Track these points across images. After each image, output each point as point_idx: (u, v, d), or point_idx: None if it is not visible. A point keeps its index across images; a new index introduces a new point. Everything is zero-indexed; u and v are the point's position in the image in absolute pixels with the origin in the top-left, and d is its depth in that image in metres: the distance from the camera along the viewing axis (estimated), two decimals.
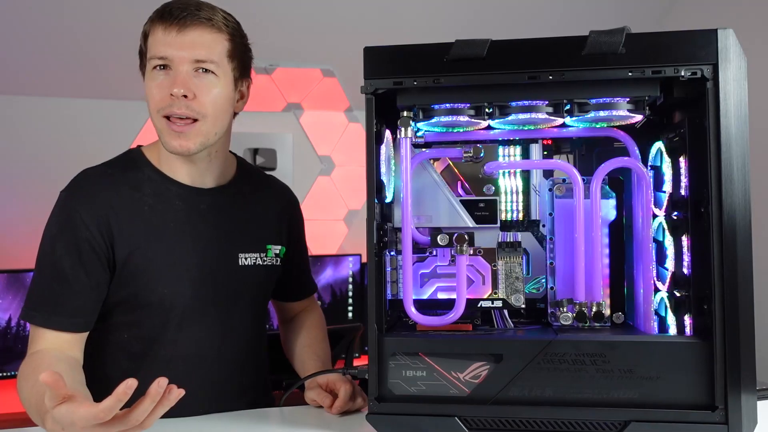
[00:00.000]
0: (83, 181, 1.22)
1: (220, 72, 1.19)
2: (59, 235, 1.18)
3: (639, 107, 1.05)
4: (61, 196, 1.22)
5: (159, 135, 1.21)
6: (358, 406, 1.18)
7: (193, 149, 1.19)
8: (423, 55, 1.04)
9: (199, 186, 1.28)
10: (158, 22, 1.17)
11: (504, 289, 1.10)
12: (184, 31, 1.16)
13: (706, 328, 0.98)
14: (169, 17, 1.16)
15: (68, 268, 1.17)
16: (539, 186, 1.18)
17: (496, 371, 1.01)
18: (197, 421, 1.16)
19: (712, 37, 0.98)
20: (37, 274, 1.19)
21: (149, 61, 1.19)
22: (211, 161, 1.27)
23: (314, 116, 3.20)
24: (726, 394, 0.96)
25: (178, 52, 1.16)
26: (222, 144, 1.27)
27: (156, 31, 1.17)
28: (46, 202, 1.28)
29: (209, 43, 1.18)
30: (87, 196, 1.20)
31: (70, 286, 1.17)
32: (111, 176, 1.23)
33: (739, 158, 0.97)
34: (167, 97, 1.16)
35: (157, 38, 1.17)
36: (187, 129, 1.18)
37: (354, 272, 2.89)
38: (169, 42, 1.16)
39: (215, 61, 1.18)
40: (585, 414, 0.99)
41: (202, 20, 1.17)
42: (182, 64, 1.16)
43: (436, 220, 1.14)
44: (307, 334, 1.43)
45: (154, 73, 1.18)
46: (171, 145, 1.19)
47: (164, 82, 1.17)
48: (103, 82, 2.86)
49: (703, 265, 0.99)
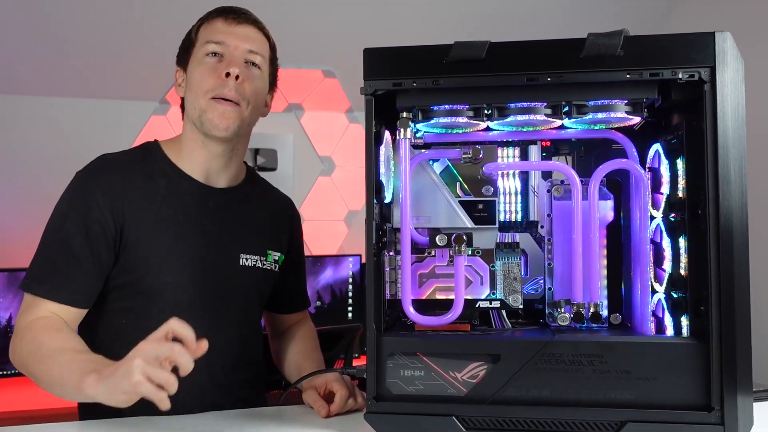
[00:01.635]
0: (102, 165, 1.27)
1: (264, 69, 1.33)
2: (71, 213, 1.22)
3: (637, 109, 1.05)
4: (77, 176, 1.26)
5: (200, 115, 1.27)
6: (357, 405, 1.18)
7: (231, 129, 1.27)
8: (422, 57, 1.04)
9: (212, 185, 1.33)
10: (218, 16, 1.31)
11: (502, 290, 1.10)
12: (242, 24, 1.31)
13: (703, 330, 0.99)
14: (229, 12, 1.31)
15: (77, 246, 1.20)
16: (538, 187, 1.19)
17: (493, 371, 1.02)
18: (191, 419, 1.17)
19: (710, 40, 0.98)
20: (43, 248, 1.22)
21: (203, 46, 1.29)
22: (231, 158, 1.34)
23: (315, 117, 3.21)
24: (722, 395, 0.96)
25: (234, 40, 1.29)
26: (243, 144, 1.36)
27: (215, 22, 1.31)
28: (44, 202, 1.29)
29: (260, 40, 1.33)
30: (104, 180, 1.24)
31: (77, 263, 1.20)
32: (128, 164, 1.28)
33: (736, 161, 0.98)
34: (218, 78, 1.26)
35: (216, 27, 1.30)
36: (230, 110, 1.26)
37: (354, 273, 2.90)
38: (228, 30, 1.29)
39: (263, 56, 1.32)
40: (582, 414, 0.99)
41: (256, 21, 1.34)
42: (237, 50, 1.29)
43: (435, 221, 1.14)
44: (302, 343, 1.45)
45: (206, 59, 1.28)
46: (213, 123, 1.26)
47: (217, 66, 1.27)
48: (103, 82, 2.87)
49: (700, 267, 1.00)
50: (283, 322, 1.51)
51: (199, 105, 1.27)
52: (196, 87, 1.27)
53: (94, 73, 2.83)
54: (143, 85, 2.80)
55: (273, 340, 1.52)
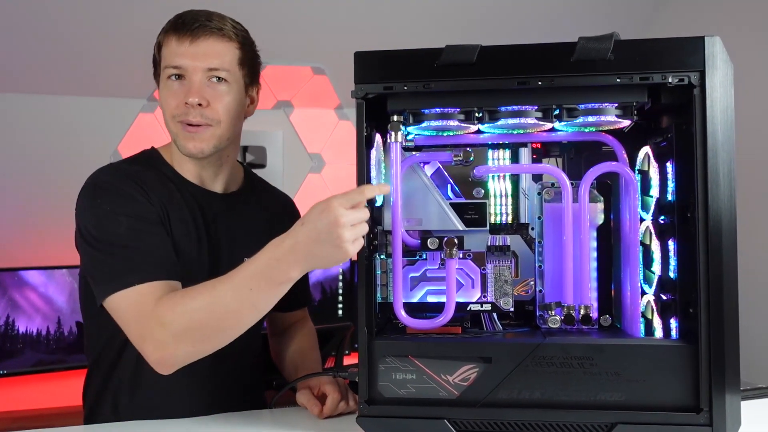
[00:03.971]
0: (115, 170, 1.24)
1: (232, 79, 1.24)
2: (116, 209, 1.17)
3: (627, 113, 1.06)
4: (98, 181, 1.20)
5: (174, 139, 1.25)
6: (349, 408, 1.18)
7: (207, 151, 1.24)
8: (413, 61, 1.04)
9: (210, 190, 1.32)
10: (171, 33, 1.22)
11: (493, 293, 1.11)
12: (196, 41, 1.21)
13: (692, 332, 1.00)
14: (182, 28, 1.21)
15: (142, 230, 1.16)
16: (528, 190, 1.19)
17: (485, 374, 1.02)
18: (191, 423, 1.17)
19: (700, 44, 0.99)
20: (100, 254, 1.15)
21: (164, 70, 1.24)
22: (221, 166, 1.32)
23: (304, 114, 3.20)
24: (711, 396, 0.97)
25: (191, 62, 1.21)
26: (232, 150, 1.32)
27: (170, 42, 1.22)
28: (28, 198, 1.27)
29: (221, 52, 1.23)
30: (135, 179, 1.21)
31: (150, 238, 1.16)
32: (139, 171, 1.25)
33: (725, 164, 0.99)
34: (182, 105, 1.21)
35: (171, 49, 1.22)
36: (202, 131, 1.22)
37: (344, 270, 2.89)
38: (183, 52, 1.21)
39: (227, 69, 1.23)
40: (573, 416, 1.00)
41: (213, 30, 1.22)
42: (196, 74, 1.21)
43: (426, 223, 1.14)
44: (300, 342, 1.45)
45: (168, 83, 1.23)
46: (186, 148, 1.23)
47: (179, 91, 1.22)
48: (89, 79, 2.84)
49: (689, 269, 1.00)
50: (284, 321, 1.50)
51: (170, 128, 1.25)
52: (165, 111, 1.25)
53: (81, 70, 2.80)
54: (131, 83, 2.77)
55: (272, 338, 1.51)
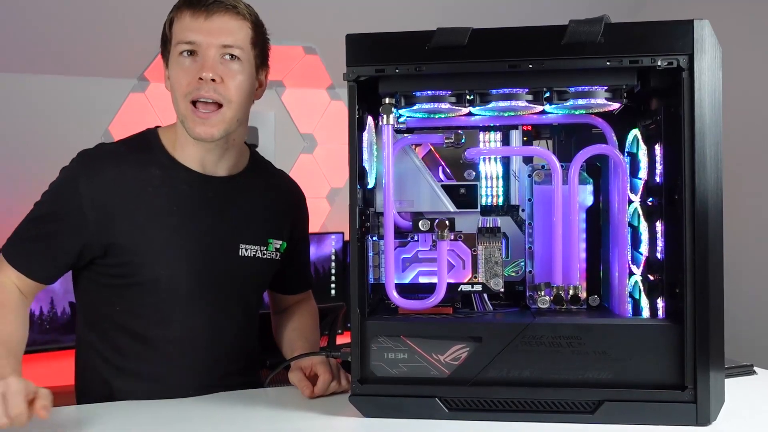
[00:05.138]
0: (94, 154, 1.27)
1: (245, 58, 1.23)
2: (55, 196, 1.24)
3: (617, 95, 1.07)
4: (72, 162, 1.26)
5: (182, 121, 1.24)
6: (341, 388, 1.20)
7: (216, 135, 1.22)
8: (405, 43, 1.05)
9: (210, 174, 1.30)
10: (186, 9, 1.21)
11: (483, 274, 1.12)
12: (211, 17, 1.20)
13: (678, 311, 1.02)
14: (196, 4, 1.20)
15: (49, 229, 1.22)
16: (519, 172, 1.21)
17: (475, 353, 1.04)
18: (183, 403, 1.18)
19: (689, 28, 0.99)
20: (26, 220, 1.25)
21: (176, 46, 1.22)
22: (228, 149, 1.29)
23: (296, 94, 3.18)
24: (695, 374, 1.00)
25: (205, 38, 1.19)
26: (239, 133, 1.30)
27: (183, 17, 1.21)
28: (15, 181, 1.27)
29: (235, 29, 1.22)
30: (92, 169, 1.24)
31: (45, 242, 1.22)
32: (121, 155, 1.27)
33: (713, 147, 1.00)
34: (194, 81, 1.19)
35: (184, 24, 1.21)
36: (212, 116, 1.21)
37: (337, 250, 2.91)
38: (197, 28, 1.20)
39: (241, 47, 1.22)
40: (561, 394, 1.02)
41: (228, 7, 1.21)
42: (210, 49, 1.20)
43: (418, 205, 1.16)
44: (299, 321, 1.45)
45: (180, 59, 1.21)
46: (195, 132, 1.22)
47: (191, 67, 1.20)
48: (79, 59, 2.82)
49: (676, 250, 1.02)
50: (286, 301, 1.51)
51: (180, 109, 1.23)
52: (175, 89, 1.23)
53: (70, 49, 2.77)
54: (121, 62, 2.75)
55: (274, 315, 1.52)
